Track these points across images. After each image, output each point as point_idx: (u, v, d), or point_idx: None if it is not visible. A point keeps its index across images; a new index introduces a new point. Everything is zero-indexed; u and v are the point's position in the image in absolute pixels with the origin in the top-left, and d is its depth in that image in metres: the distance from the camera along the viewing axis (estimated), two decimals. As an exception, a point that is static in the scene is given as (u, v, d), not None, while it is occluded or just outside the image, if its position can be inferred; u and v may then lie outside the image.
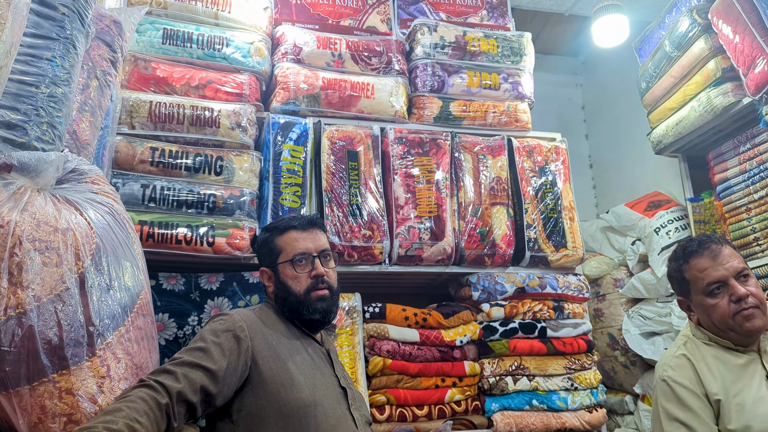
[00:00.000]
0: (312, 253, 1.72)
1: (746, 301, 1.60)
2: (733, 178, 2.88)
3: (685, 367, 1.68)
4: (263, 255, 1.79)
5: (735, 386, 1.61)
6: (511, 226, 2.75)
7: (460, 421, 2.50)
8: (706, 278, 1.65)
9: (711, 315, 1.66)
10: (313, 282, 1.69)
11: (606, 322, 3.70)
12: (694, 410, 1.61)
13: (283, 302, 1.70)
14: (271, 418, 1.49)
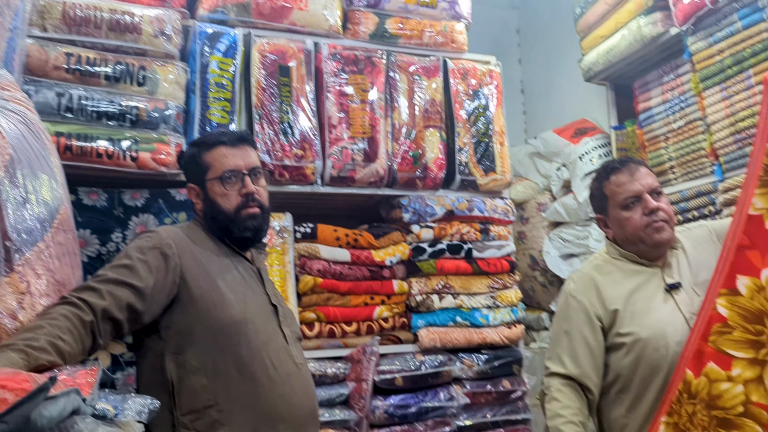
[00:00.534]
0: (242, 171, 1.66)
1: (657, 215, 1.70)
2: (656, 107, 2.99)
3: (588, 286, 1.79)
4: (190, 171, 1.73)
5: (633, 296, 1.73)
6: (443, 149, 2.77)
7: (388, 337, 2.59)
8: (624, 192, 1.75)
9: (625, 227, 1.76)
10: (244, 200, 1.64)
11: (528, 244, 3.86)
12: (578, 324, 1.74)
13: (213, 220, 1.66)
14: (201, 336, 1.49)
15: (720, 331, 1.44)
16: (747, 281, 1.46)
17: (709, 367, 1.42)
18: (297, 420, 1.52)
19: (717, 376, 1.41)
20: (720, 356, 1.42)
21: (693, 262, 1.75)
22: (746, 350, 1.42)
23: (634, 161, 1.81)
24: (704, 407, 1.41)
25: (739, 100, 2.54)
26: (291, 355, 1.58)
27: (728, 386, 1.40)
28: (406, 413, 2.45)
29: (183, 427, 1.44)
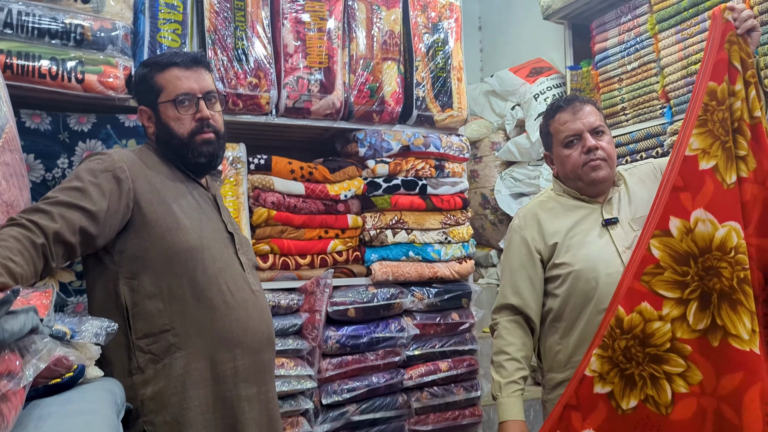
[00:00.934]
0: (196, 94, 1.60)
1: (595, 153, 1.74)
2: (612, 48, 3.01)
3: (531, 221, 1.85)
4: (142, 93, 1.65)
5: (572, 231, 1.79)
6: (400, 83, 2.74)
7: (341, 270, 2.62)
8: (565, 131, 1.78)
9: (565, 165, 1.81)
10: (198, 125, 1.59)
11: (480, 183, 3.91)
12: (520, 257, 1.82)
13: (166, 145, 1.61)
14: (156, 261, 1.47)
15: (653, 272, 1.50)
16: (678, 223, 1.50)
17: (643, 305, 1.48)
18: (253, 345, 1.54)
19: (650, 315, 1.48)
20: (653, 297, 1.48)
21: (633, 199, 1.81)
22: (674, 291, 1.48)
23: (581, 99, 1.83)
24: (638, 344, 1.48)
25: (692, 43, 2.59)
26: (248, 282, 1.59)
27: (659, 325, 1.47)
28: (357, 343, 2.51)
29: (139, 350, 1.44)
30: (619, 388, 1.47)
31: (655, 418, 1.44)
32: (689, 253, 1.49)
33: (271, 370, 1.62)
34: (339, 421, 2.46)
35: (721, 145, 1.50)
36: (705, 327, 1.44)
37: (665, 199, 1.55)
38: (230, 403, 1.49)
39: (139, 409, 1.43)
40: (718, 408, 1.40)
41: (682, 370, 1.44)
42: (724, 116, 1.50)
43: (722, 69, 1.52)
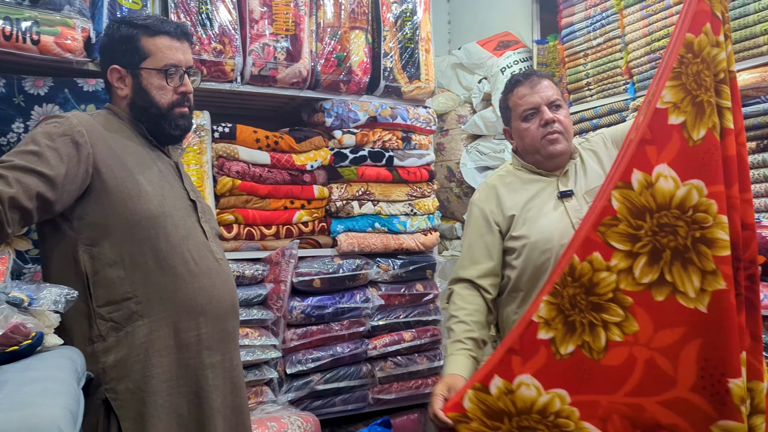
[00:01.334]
0: (182, 67, 1.60)
1: (552, 126, 1.77)
2: (578, 23, 3.03)
3: (490, 194, 1.88)
4: (121, 52, 1.58)
5: (529, 204, 1.82)
6: (368, 53, 2.71)
7: (307, 241, 2.61)
8: (523, 104, 1.81)
9: (524, 139, 1.83)
10: (179, 98, 1.59)
11: (446, 155, 3.92)
12: (479, 229, 1.84)
13: (141, 111, 1.58)
14: (116, 228, 1.44)
15: (609, 224, 1.49)
16: (640, 176, 1.48)
17: (594, 255, 1.49)
18: (217, 313, 1.53)
19: (599, 265, 1.49)
20: (605, 247, 1.49)
21: (588, 171, 1.84)
22: (625, 243, 1.49)
23: (538, 74, 1.86)
24: (584, 292, 1.49)
25: (657, 20, 2.62)
26: (211, 251, 1.57)
27: (605, 275, 1.48)
28: (322, 313, 2.52)
29: (100, 318, 1.42)
30: (561, 334, 1.50)
31: (587, 363, 1.47)
32: (646, 208, 1.48)
33: (235, 338, 1.61)
34: (303, 390, 2.47)
35: (692, 100, 1.47)
36: (650, 281, 1.46)
37: (632, 150, 1.51)
38: (194, 371, 1.49)
39: (101, 377, 1.41)
40: (651, 357, 1.43)
41: (620, 320, 1.47)
42: (698, 69, 1.47)
43: (702, 19, 1.49)
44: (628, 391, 1.44)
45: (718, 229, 1.43)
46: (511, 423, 1.48)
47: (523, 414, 1.48)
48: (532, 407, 1.47)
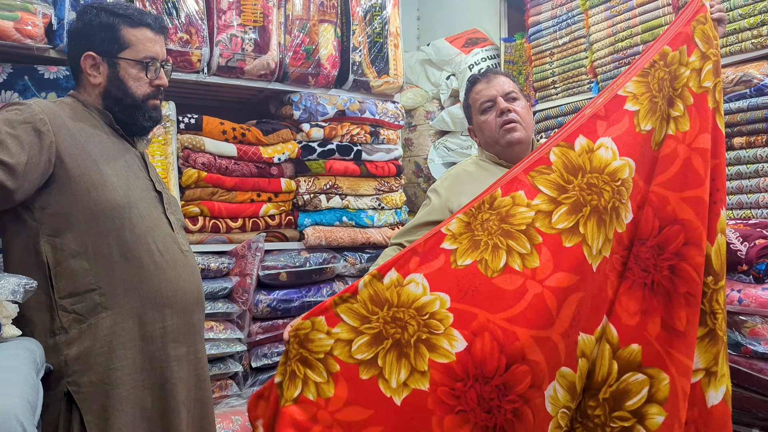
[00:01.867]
0: (159, 59, 1.59)
1: (508, 115, 1.83)
2: (545, 22, 3.07)
3: (451, 182, 1.92)
4: (99, 40, 1.55)
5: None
6: (337, 46, 2.70)
7: (274, 234, 2.60)
8: (481, 98, 1.88)
9: (484, 131, 1.89)
10: (154, 90, 1.59)
11: (414, 151, 3.94)
12: (433, 212, 1.87)
13: (116, 101, 1.56)
14: (80, 219, 1.42)
15: (541, 171, 1.60)
16: (584, 141, 1.60)
17: (518, 192, 1.59)
18: (183, 305, 1.51)
19: (520, 201, 1.59)
20: (531, 188, 1.59)
21: None
22: (552, 190, 1.58)
23: (495, 71, 1.93)
24: (498, 219, 1.58)
25: (620, 21, 2.68)
26: (177, 242, 1.55)
27: (524, 210, 1.57)
28: (288, 307, 2.51)
29: (62, 310, 1.39)
30: (464, 248, 1.58)
31: (480, 278, 1.54)
32: (581, 167, 1.58)
33: (200, 330, 1.60)
34: (269, 384, 2.46)
35: (650, 98, 1.60)
36: (564, 228, 1.54)
37: (582, 121, 1.63)
38: (158, 363, 1.47)
39: (63, 369, 1.39)
40: (541, 293, 1.50)
41: (524, 252, 1.54)
42: (663, 76, 1.61)
43: (682, 40, 1.64)
44: (509, 317, 1.50)
45: (624, 210, 1.57)
46: (387, 312, 1.55)
47: (402, 307, 1.55)
48: (412, 303, 1.54)
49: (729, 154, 2.28)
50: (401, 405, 1.50)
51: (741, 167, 2.25)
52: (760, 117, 2.19)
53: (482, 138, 1.91)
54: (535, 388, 1.47)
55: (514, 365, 1.47)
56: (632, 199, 1.59)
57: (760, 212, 2.21)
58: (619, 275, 1.57)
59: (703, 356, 1.59)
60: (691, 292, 1.55)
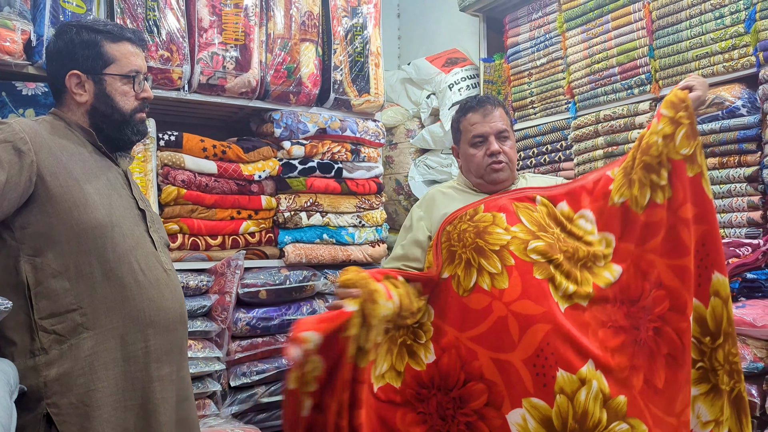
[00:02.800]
0: (142, 72, 1.59)
1: (497, 157, 1.84)
2: (523, 43, 3.13)
3: (430, 204, 1.93)
4: (83, 57, 1.53)
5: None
6: (318, 65, 2.72)
7: (253, 252, 2.59)
8: (473, 131, 1.87)
9: (470, 163, 1.90)
10: (140, 104, 1.58)
11: (395, 169, 3.96)
12: (414, 232, 1.90)
13: (104, 118, 1.54)
14: (62, 238, 1.40)
15: (527, 207, 1.72)
16: (566, 208, 1.73)
17: (499, 214, 1.68)
18: (166, 324, 1.50)
19: (500, 222, 1.67)
20: (513, 215, 1.68)
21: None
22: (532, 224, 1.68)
23: (492, 102, 1.92)
24: (474, 232, 1.67)
25: (596, 43, 2.74)
26: (160, 261, 1.54)
27: (501, 231, 1.65)
28: (268, 325, 2.50)
29: (42, 330, 1.37)
30: (443, 258, 1.70)
31: (453, 295, 1.65)
32: (561, 221, 1.71)
33: (183, 349, 1.58)
34: (247, 403, 2.44)
35: (624, 173, 1.70)
36: (537, 260, 1.61)
37: (570, 189, 1.74)
38: (140, 384, 1.45)
39: (42, 390, 1.36)
40: (506, 316, 1.57)
41: (494, 272, 1.61)
42: (635, 155, 1.69)
43: (654, 120, 1.70)
44: (472, 336, 1.60)
45: (605, 270, 1.67)
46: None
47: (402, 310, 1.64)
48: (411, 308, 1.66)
49: (702, 175, 2.34)
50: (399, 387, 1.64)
51: (714, 187, 2.30)
52: (732, 138, 2.24)
53: (465, 166, 1.92)
54: (493, 408, 1.56)
55: (471, 382, 1.58)
56: (620, 260, 1.67)
57: (733, 231, 2.26)
58: (602, 324, 1.61)
59: (710, 410, 1.67)
60: (672, 354, 1.62)
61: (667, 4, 2.47)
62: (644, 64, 2.56)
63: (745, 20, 2.23)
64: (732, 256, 2.06)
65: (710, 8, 2.33)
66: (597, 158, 2.72)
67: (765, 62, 2.17)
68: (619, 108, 2.64)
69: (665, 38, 2.48)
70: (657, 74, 2.52)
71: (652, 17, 2.53)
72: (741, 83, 2.28)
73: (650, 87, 2.55)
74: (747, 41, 2.22)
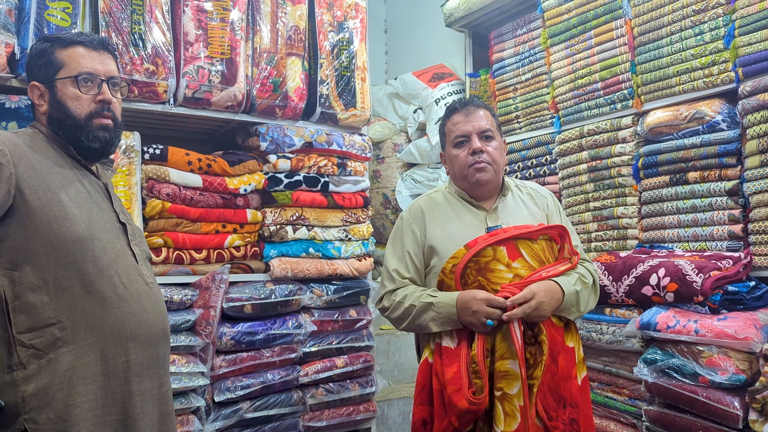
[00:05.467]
0: (100, 76, 1.53)
1: (480, 156, 1.82)
2: (508, 58, 3.16)
3: (418, 213, 1.93)
4: (37, 67, 1.53)
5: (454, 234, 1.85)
6: (304, 79, 2.73)
7: (239, 266, 2.57)
8: (456, 131, 1.86)
9: (454, 164, 1.88)
10: (98, 108, 1.51)
11: (382, 183, 3.97)
12: (404, 242, 1.90)
13: (59, 125, 1.51)
14: (40, 252, 1.38)
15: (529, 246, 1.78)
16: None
17: (501, 249, 1.73)
18: (147, 338, 1.48)
19: (501, 257, 1.73)
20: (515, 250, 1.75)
21: (519, 211, 1.90)
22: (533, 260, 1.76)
23: (476, 103, 1.90)
24: (476, 270, 1.73)
25: (579, 58, 2.77)
26: (141, 274, 1.52)
27: (503, 269, 1.73)
28: (253, 340, 2.48)
29: (20, 345, 1.36)
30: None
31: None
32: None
33: (165, 364, 1.56)
34: (232, 418, 2.42)
35: None
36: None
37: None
38: (120, 399, 1.43)
39: (20, 406, 1.34)
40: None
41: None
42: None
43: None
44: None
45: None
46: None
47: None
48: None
49: (684, 188, 2.36)
50: None
51: (696, 201, 2.32)
52: (713, 153, 2.27)
53: (451, 169, 1.91)
54: None
55: None
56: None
57: (714, 244, 2.28)
58: None
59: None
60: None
61: (649, 21, 2.51)
62: (626, 79, 2.59)
63: (725, 37, 2.26)
64: (713, 269, 2.08)
65: (690, 25, 2.37)
66: (581, 172, 2.74)
67: (744, 78, 2.20)
68: (603, 123, 2.67)
69: (647, 54, 2.51)
70: (639, 89, 2.55)
71: (633, 33, 2.57)
72: (721, 98, 2.31)
73: (632, 102, 2.58)
74: (726, 57, 2.26)
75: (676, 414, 2.04)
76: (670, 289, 2.11)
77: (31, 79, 1.53)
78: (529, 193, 1.97)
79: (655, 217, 2.48)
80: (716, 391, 1.94)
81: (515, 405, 1.64)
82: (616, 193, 2.62)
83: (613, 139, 2.62)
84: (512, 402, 1.65)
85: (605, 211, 2.66)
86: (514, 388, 1.65)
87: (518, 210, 1.89)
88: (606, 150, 2.64)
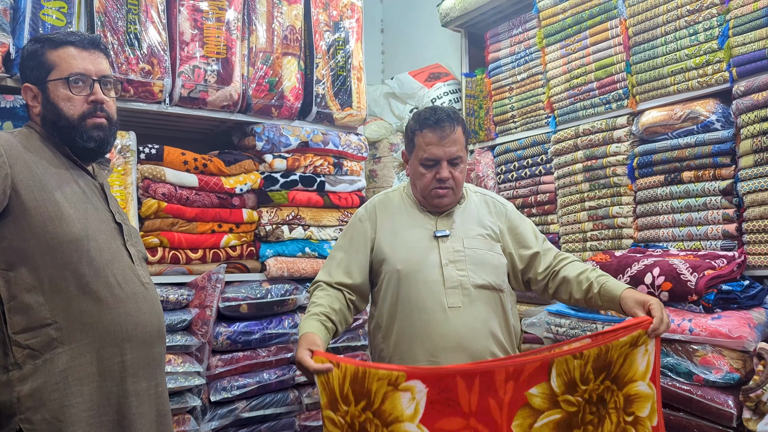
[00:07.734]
0: (92, 76, 1.52)
1: (445, 183, 1.84)
2: (504, 58, 3.16)
3: (372, 215, 1.94)
4: (29, 69, 1.53)
5: (404, 233, 1.88)
6: (300, 79, 2.73)
7: (234, 265, 2.58)
8: (426, 152, 1.84)
9: (416, 180, 1.90)
10: (91, 108, 1.51)
11: (379, 182, 3.97)
12: (353, 239, 1.91)
13: (53, 126, 1.51)
14: (36, 252, 1.39)
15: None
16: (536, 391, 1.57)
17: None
18: (143, 338, 1.48)
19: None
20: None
21: (472, 217, 1.92)
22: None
23: (451, 120, 1.85)
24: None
25: (575, 58, 2.78)
26: (137, 275, 1.52)
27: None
28: (249, 339, 2.48)
29: (16, 345, 1.36)
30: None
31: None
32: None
33: (161, 364, 1.57)
34: (228, 418, 2.42)
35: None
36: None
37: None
38: (116, 399, 1.44)
39: (15, 406, 1.35)
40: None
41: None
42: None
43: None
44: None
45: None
46: (356, 408, 1.47)
47: (378, 416, 1.47)
48: (391, 417, 1.47)
49: (678, 188, 2.37)
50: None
51: (690, 200, 2.33)
52: (707, 152, 2.28)
53: (413, 180, 1.92)
54: None
55: None
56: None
57: (709, 243, 2.29)
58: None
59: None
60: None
61: (643, 20, 2.51)
62: (621, 79, 2.60)
63: (719, 37, 2.27)
64: (707, 268, 2.09)
65: (685, 25, 2.38)
66: (576, 172, 2.75)
67: (738, 78, 2.21)
68: (598, 122, 2.67)
69: (641, 54, 2.52)
70: (634, 89, 2.56)
71: (628, 33, 2.57)
72: (715, 98, 2.31)
73: (627, 102, 2.58)
74: (720, 57, 2.27)
75: (670, 412, 2.05)
76: (665, 288, 2.12)
77: (24, 81, 1.53)
78: (487, 201, 1.99)
79: (649, 217, 2.48)
80: (710, 390, 1.95)
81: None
82: (611, 192, 2.63)
83: (608, 138, 2.63)
84: None
85: (600, 210, 2.67)
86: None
87: (470, 217, 1.92)
88: (601, 149, 2.65)
